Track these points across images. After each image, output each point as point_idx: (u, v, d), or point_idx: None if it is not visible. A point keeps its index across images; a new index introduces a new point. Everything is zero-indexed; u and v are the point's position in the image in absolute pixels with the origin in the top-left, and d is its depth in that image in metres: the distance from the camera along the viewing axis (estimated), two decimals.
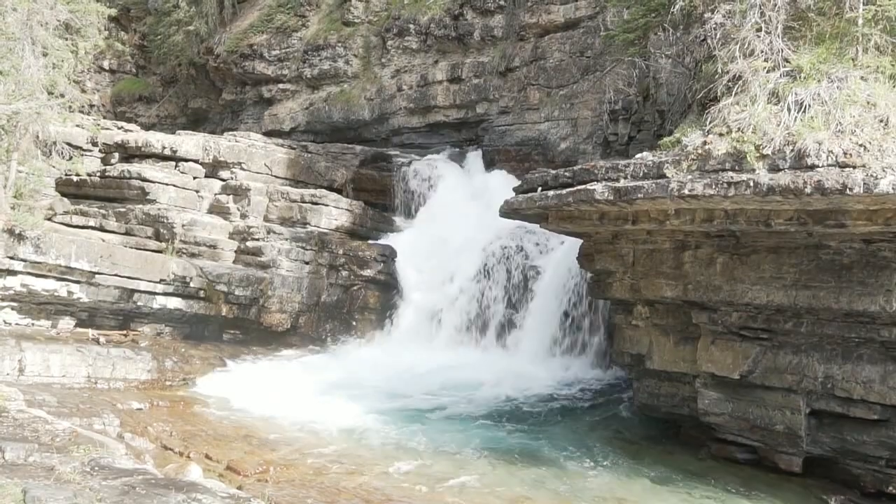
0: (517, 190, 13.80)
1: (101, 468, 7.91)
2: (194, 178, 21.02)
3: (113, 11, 23.90)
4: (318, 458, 11.82)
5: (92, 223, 19.34)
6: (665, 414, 13.91)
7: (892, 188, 9.02)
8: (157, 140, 21.15)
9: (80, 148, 21.77)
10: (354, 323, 20.11)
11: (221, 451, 11.83)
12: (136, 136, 21.82)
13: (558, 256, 19.13)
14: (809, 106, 10.14)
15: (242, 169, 21.62)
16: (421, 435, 13.29)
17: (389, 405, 15.04)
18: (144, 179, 20.03)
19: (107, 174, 20.64)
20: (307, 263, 19.93)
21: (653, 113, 18.50)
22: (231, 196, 21.00)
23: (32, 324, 16.71)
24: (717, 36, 11.69)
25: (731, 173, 10.14)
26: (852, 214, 9.92)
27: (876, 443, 10.95)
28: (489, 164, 24.77)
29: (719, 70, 11.38)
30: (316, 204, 21.07)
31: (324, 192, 21.71)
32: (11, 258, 15.77)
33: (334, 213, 21.19)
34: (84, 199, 20.75)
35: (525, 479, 11.48)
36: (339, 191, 22.79)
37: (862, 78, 10.32)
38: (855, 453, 11.21)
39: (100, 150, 22.19)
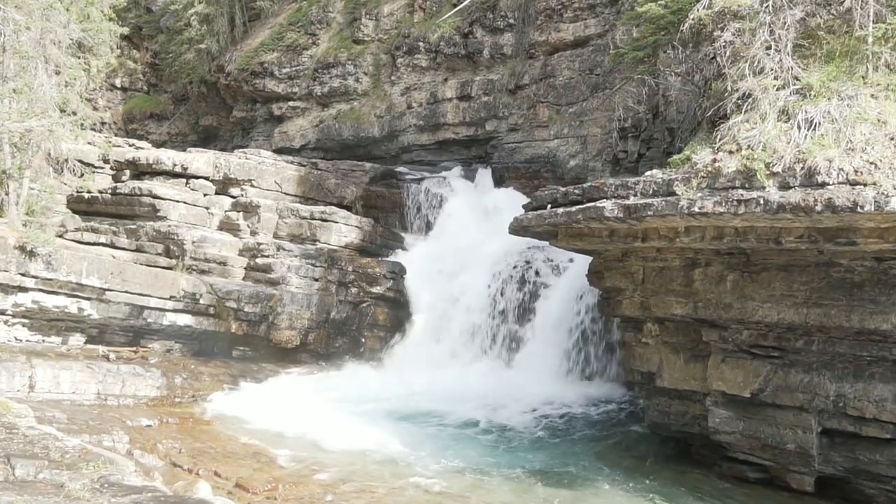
0: (527, 207, 13.81)
1: (110, 485, 7.91)
2: (205, 195, 21.10)
3: (125, 30, 24.09)
4: (327, 476, 11.79)
5: (103, 240, 19.39)
6: (676, 432, 13.84)
7: None
8: (168, 157, 21.25)
9: (92, 165, 21.92)
10: (364, 340, 20.09)
11: (230, 469, 11.81)
12: (147, 153, 21.94)
13: (568, 273, 19.09)
14: (820, 124, 10.14)
15: (252, 186, 21.70)
16: (430, 453, 13.24)
17: (399, 422, 15.00)
18: (155, 196, 20.09)
19: (118, 191, 20.72)
20: (316, 280, 19.93)
21: (662, 130, 18.49)
22: (241, 213, 21.05)
23: (43, 340, 16.75)
24: (727, 54, 11.70)
25: (741, 191, 10.12)
26: (863, 232, 9.89)
27: (889, 462, 10.85)
28: (498, 182, 24.79)
29: (729, 88, 11.39)
30: (325, 221, 21.09)
31: (333, 209, 21.72)
32: (23, 275, 15.84)
33: (344, 230, 21.21)
34: (95, 215, 20.84)
35: (536, 497, 11.42)
36: (348, 208, 22.80)
37: (872, 96, 10.32)
38: (868, 473, 11.12)
39: (111, 168, 22.32)
